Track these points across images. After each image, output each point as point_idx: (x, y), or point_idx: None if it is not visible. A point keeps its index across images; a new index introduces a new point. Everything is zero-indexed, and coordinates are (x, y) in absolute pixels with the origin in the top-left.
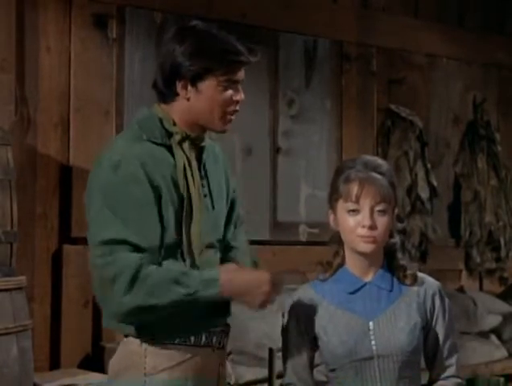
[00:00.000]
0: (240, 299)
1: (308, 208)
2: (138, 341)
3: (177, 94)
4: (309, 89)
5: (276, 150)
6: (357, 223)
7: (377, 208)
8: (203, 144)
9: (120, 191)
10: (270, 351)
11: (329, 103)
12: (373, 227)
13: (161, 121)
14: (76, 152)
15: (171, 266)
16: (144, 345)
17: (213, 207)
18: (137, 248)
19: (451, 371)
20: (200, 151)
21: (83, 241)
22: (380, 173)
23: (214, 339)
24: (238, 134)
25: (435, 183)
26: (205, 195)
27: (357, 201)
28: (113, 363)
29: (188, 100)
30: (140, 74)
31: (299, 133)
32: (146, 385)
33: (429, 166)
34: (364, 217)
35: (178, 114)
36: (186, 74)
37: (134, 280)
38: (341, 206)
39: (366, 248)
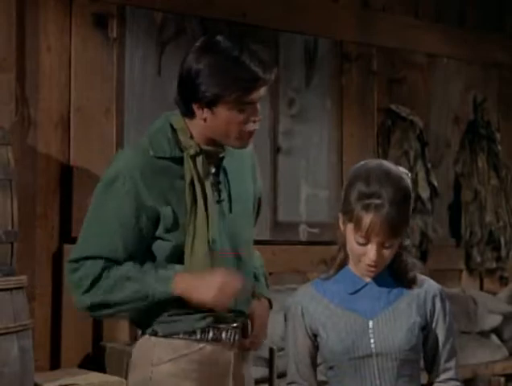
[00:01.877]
0: (194, 297)
1: (308, 208)
2: (147, 335)
3: (194, 113)
4: (309, 89)
5: (276, 150)
6: (363, 252)
7: (386, 244)
8: (223, 154)
9: (103, 208)
10: (271, 350)
11: (329, 103)
12: (377, 261)
13: (175, 132)
14: (77, 151)
15: (131, 267)
16: (153, 338)
17: (231, 211)
18: (107, 260)
19: (450, 374)
20: (219, 158)
21: None
22: (395, 202)
23: (224, 335)
24: None
25: (435, 183)
26: (221, 201)
27: (367, 236)
28: (132, 357)
29: (205, 120)
30: (140, 73)
31: (299, 132)
32: (153, 375)
33: (429, 165)
34: (370, 252)
35: (196, 129)
36: (201, 98)
37: (94, 282)
38: (351, 230)
39: (369, 275)
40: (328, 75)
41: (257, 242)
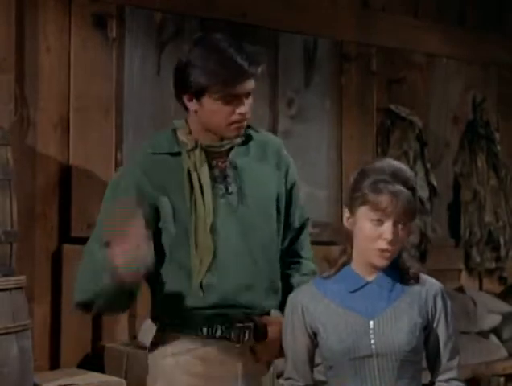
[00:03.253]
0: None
1: (308, 208)
2: (155, 329)
3: (187, 106)
4: (309, 89)
5: None
6: (379, 234)
7: (401, 224)
8: (224, 147)
9: (106, 212)
10: None
11: (329, 103)
12: (393, 242)
13: (175, 132)
14: (76, 152)
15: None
16: (159, 333)
17: (242, 203)
18: None
19: (452, 373)
20: (227, 152)
21: (83, 241)
22: (408, 188)
23: (232, 334)
24: None
25: (434, 183)
26: (229, 193)
27: (385, 214)
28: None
29: (196, 112)
30: (140, 73)
31: (298, 133)
32: (158, 368)
33: (429, 165)
34: (387, 230)
35: (193, 123)
36: (189, 88)
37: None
38: (365, 213)
39: (381, 262)
40: (327, 75)
41: None
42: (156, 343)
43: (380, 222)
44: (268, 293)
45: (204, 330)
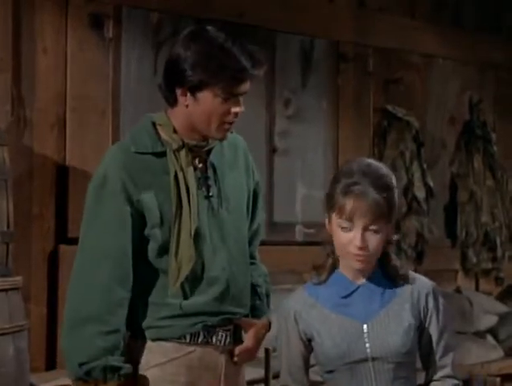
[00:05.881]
0: None
1: (305, 208)
2: (134, 338)
3: (177, 100)
4: (306, 89)
5: (272, 151)
6: (349, 240)
7: (371, 227)
8: (207, 147)
9: (93, 212)
10: (266, 351)
11: (326, 103)
12: (364, 248)
13: (156, 129)
14: (73, 152)
15: None
16: (140, 341)
17: (221, 207)
18: None
19: (446, 371)
20: (206, 153)
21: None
22: (378, 187)
23: (214, 338)
24: None
25: (431, 184)
26: (210, 196)
27: (350, 220)
28: None
29: (187, 106)
30: (136, 74)
31: (295, 133)
32: (140, 380)
33: (425, 166)
34: (355, 237)
35: (179, 120)
36: (186, 82)
37: None
38: (335, 219)
39: (358, 265)
40: (324, 75)
41: None
42: (137, 352)
43: (349, 229)
44: (246, 297)
45: (188, 337)
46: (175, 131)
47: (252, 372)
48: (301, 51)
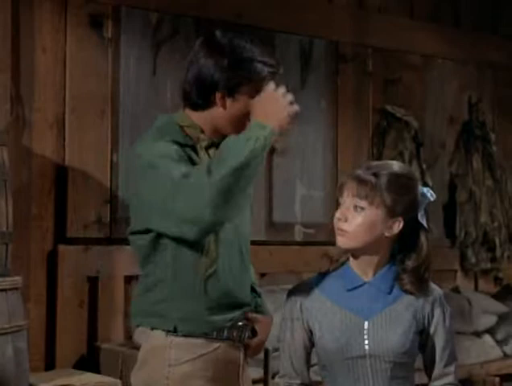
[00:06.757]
0: (278, 124)
1: (304, 208)
2: (163, 334)
3: (213, 103)
4: (305, 89)
5: (271, 151)
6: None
7: (354, 203)
8: None
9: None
10: (266, 351)
11: (325, 103)
12: (342, 219)
13: (181, 127)
14: (72, 152)
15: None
16: (170, 337)
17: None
18: None
19: (449, 379)
20: None
21: (78, 241)
22: (374, 174)
23: (235, 333)
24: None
25: (430, 183)
26: None
27: (341, 194)
28: (141, 354)
29: (225, 108)
30: (135, 74)
31: (294, 133)
32: (169, 375)
33: (424, 166)
34: (340, 209)
35: (208, 121)
36: (225, 86)
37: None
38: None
39: (339, 241)
40: (323, 75)
41: (252, 242)
42: (163, 347)
43: (341, 204)
44: (249, 293)
45: (214, 333)
46: (202, 131)
47: (252, 372)
48: (300, 51)
